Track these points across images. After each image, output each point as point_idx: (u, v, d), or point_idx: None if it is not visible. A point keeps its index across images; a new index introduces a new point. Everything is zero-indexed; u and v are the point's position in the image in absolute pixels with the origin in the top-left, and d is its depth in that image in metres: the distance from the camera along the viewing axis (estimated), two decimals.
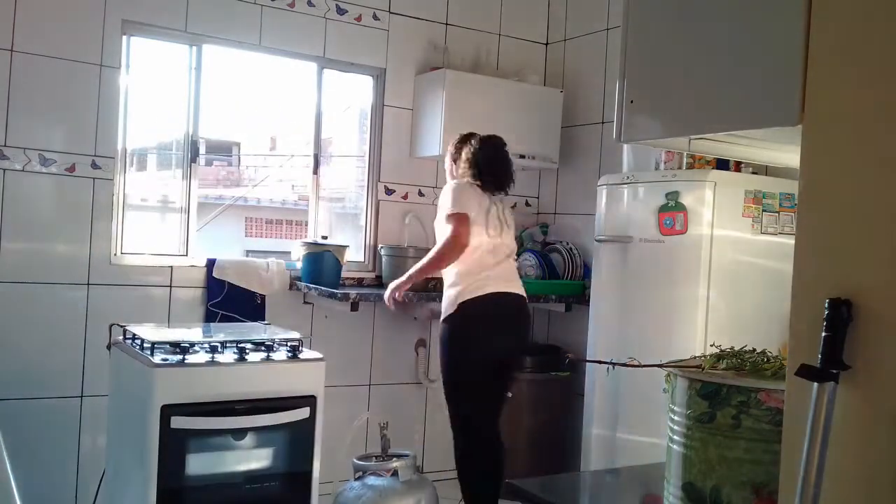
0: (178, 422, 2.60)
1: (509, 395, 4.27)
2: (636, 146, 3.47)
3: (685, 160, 3.54)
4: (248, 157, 6.72)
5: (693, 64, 1.46)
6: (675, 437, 1.44)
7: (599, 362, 3.53)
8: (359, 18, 4.34)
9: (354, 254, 4.40)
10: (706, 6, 1.45)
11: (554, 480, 2.24)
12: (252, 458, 2.83)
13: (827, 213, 1.14)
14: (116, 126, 3.78)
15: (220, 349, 2.82)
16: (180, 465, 2.66)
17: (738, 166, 3.46)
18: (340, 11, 4.28)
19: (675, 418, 1.44)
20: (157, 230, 4.14)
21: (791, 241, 1.20)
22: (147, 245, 3.98)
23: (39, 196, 3.63)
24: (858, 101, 1.11)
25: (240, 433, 2.77)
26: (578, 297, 4.39)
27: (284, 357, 2.91)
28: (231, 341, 2.92)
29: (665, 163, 3.65)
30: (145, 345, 2.76)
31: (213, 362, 2.73)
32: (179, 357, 2.70)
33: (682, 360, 1.53)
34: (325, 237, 4.22)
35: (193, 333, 3.24)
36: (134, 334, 2.90)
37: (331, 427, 4.28)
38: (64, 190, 3.66)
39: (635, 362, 1.55)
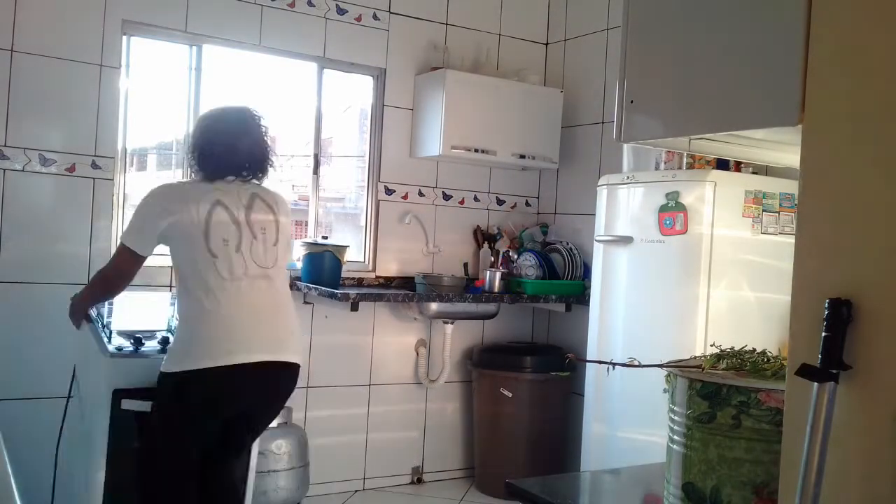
0: (128, 404, 2.60)
1: (509, 395, 4.27)
2: (636, 146, 3.47)
3: (685, 160, 3.54)
4: None
5: (693, 64, 1.46)
6: (675, 437, 1.44)
7: (599, 362, 3.53)
8: (359, 18, 4.34)
9: (354, 254, 4.40)
10: (706, 7, 1.45)
11: (554, 480, 2.24)
12: None
13: (827, 213, 1.14)
14: (116, 126, 3.78)
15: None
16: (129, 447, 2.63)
17: (738, 166, 3.46)
18: (340, 11, 4.28)
19: (675, 418, 1.44)
20: None
21: (791, 241, 1.20)
22: None
23: (39, 196, 3.63)
24: (858, 101, 1.11)
25: None
26: (578, 297, 4.39)
27: None
28: None
29: (665, 163, 3.65)
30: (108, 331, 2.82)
31: (165, 350, 2.70)
32: (135, 348, 2.72)
33: (682, 360, 1.53)
34: (325, 237, 4.22)
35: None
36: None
37: (332, 427, 4.29)
38: (64, 190, 3.66)
39: (635, 362, 1.55)
